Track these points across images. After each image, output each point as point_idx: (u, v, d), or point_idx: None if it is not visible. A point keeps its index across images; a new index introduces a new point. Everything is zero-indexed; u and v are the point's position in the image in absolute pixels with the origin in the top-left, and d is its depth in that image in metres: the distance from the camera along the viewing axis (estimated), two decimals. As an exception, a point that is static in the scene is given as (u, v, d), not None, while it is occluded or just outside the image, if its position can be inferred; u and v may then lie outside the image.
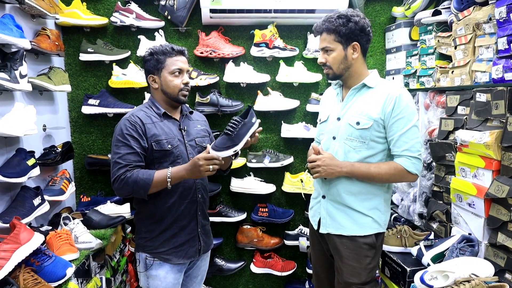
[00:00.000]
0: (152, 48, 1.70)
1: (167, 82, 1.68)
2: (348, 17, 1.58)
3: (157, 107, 1.71)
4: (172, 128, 1.70)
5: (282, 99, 2.62)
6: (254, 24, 2.59)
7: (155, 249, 1.68)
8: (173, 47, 1.69)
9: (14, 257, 1.46)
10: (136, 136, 1.60)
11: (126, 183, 1.55)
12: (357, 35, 1.60)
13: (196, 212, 1.73)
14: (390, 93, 1.59)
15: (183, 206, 1.68)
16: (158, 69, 1.69)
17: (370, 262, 1.64)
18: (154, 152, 1.63)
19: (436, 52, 2.12)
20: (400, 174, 1.59)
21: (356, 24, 1.58)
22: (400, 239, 2.00)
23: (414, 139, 1.58)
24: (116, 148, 1.59)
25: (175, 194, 1.66)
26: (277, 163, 2.60)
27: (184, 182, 1.66)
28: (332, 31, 1.60)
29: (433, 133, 2.08)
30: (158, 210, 1.67)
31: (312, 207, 1.82)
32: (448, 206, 1.94)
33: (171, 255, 1.68)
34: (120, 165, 1.56)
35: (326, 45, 1.63)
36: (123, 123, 1.63)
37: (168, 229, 1.68)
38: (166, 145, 1.64)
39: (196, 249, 1.74)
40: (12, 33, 1.74)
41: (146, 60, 1.71)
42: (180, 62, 1.70)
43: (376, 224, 1.66)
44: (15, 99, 1.95)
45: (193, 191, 1.70)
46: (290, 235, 2.71)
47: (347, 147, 1.64)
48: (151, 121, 1.66)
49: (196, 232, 1.73)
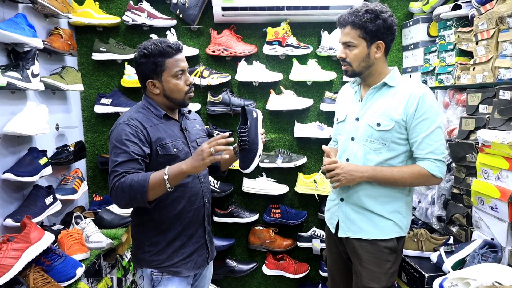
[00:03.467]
0: (145, 49, 1.49)
1: (170, 86, 1.51)
2: (377, 13, 1.49)
3: (156, 109, 1.55)
4: (174, 129, 1.57)
5: (295, 98, 2.57)
6: (267, 22, 2.55)
7: (163, 262, 1.52)
8: (170, 45, 1.50)
9: (24, 257, 1.46)
10: (136, 141, 1.43)
11: (121, 190, 1.35)
12: (383, 33, 1.51)
13: (203, 218, 1.61)
14: (413, 93, 1.51)
15: (191, 213, 1.55)
16: (157, 73, 1.50)
17: (391, 267, 1.58)
18: (159, 157, 1.48)
19: (456, 48, 2.03)
20: (424, 178, 1.52)
21: (384, 22, 1.50)
22: (416, 242, 1.93)
23: (438, 141, 1.51)
24: (114, 155, 1.42)
25: (182, 200, 1.53)
26: (290, 164, 2.55)
27: (191, 186, 1.55)
28: (358, 26, 1.51)
29: (453, 132, 2.00)
30: (164, 219, 1.52)
31: (329, 209, 1.76)
32: (468, 209, 1.86)
33: (181, 267, 1.54)
34: (117, 173, 1.38)
35: (349, 40, 1.54)
36: (121, 128, 1.45)
37: (176, 240, 1.53)
38: (172, 148, 1.50)
39: (204, 257, 1.63)
40: (24, 33, 1.75)
41: (141, 63, 1.51)
42: (181, 62, 1.53)
43: (397, 228, 1.59)
44: (28, 98, 1.96)
45: (201, 195, 1.58)
46: (303, 237, 2.66)
47: (367, 148, 1.57)
48: (152, 123, 1.50)
49: (203, 240, 1.62)
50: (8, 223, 1.65)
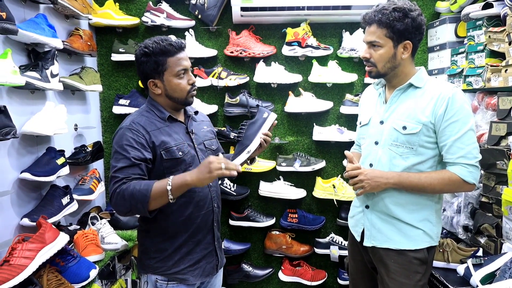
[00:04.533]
0: (146, 47, 1.44)
1: (172, 86, 1.46)
2: (406, 12, 1.41)
3: (160, 111, 1.50)
4: (180, 132, 1.51)
5: (314, 100, 2.50)
6: (286, 22, 2.50)
7: (168, 269, 1.47)
8: (171, 43, 1.44)
9: (38, 257, 1.45)
10: (138, 146, 1.39)
11: (122, 197, 1.31)
12: (411, 33, 1.43)
13: (212, 224, 1.55)
14: (441, 93, 1.42)
15: (199, 218, 1.50)
16: (159, 73, 1.45)
17: (421, 279, 1.49)
18: (163, 161, 1.42)
19: (487, 49, 1.93)
20: (455, 184, 1.43)
21: (413, 21, 1.42)
22: (442, 253, 1.83)
23: (470, 144, 1.41)
24: (115, 161, 1.39)
25: (190, 205, 1.48)
26: (308, 167, 2.49)
27: (199, 191, 1.48)
28: (384, 25, 1.43)
29: (482, 138, 1.90)
30: (171, 225, 1.47)
31: (353, 216, 1.68)
32: (498, 219, 1.75)
33: (187, 275, 1.48)
34: (117, 179, 1.35)
35: (374, 39, 1.46)
36: (122, 132, 1.42)
37: (183, 246, 1.48)
38: (177, 152, 1.45)
39: (213, 265, 1.57)
40: (44, 33, 1.76)
41: (141, 62, 1.46)
42: (183, 61, 1.47)
43: (427, 237, 1.50)
44: (47, 98, 1.97)
45: (209, 200, 1.53)
46: (321, 243, 2.59)
47: (393, 153, 1.49)
48: (155, 127, 1.45)
49: (212, 246, 1.56)
50: (24, 223, 1.66)
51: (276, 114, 2.57)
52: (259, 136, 1.50)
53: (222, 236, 2.68)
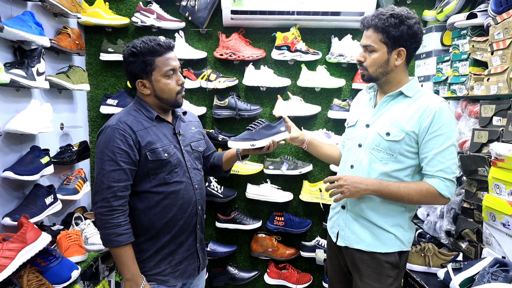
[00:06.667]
0: (134, 47, 1.42)
1: (161, 86, 1.45)
2: (402, 19, 1.42)
3: (148, 110, 1.48)
4: (166, 133, 1.49)
5: (302, 104, 2.52)
6: (276, 27, 2.52)
7: (149, 270, 1.46)
8: (159, 43, 1.43)
9: (18, 257, 1.43)
10: (125, 148, 1.38)
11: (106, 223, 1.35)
12: (406, 40, 1.44)
13: (195, 226, 1.54)
14: (429, 106, 1.44)
15: (182, 220, 1.49)
16: (147, 73, 1.44)
17: (392, 282, 1.51)
18: (148, 162, 1.41)
19: (470, 58, 1.97)
20: (432, 197, 1.45)
21: (409, 29, 1.43)
22: (423, 257, 1.86)
23: (451, 159, 1.43)
24: (101, 162, 1.38)
25: (173, 208, 1.46)
26: (295, 171, 2.50)
27: (183, 194, 1.48)
28: (380, 30, 1.44)
29: (464, 145, 1.93)
30: (153, 227, 1.46)
31: (331, 217, 1.71)
32: (479, 224, 1.78)
33: (168, 276, 1.47)
34: (104, 186, 1.36)
35: (369, 43, 1.47)
36: (110, 133, 1.39)
37: (165, 247, 1.48)
38: (162, 153, 1.43)
39: (195, 266, 1.56)
40: (31, 30, 1.74)
41: (129, 62, 1.44)
42: (172, 60, 1.45)
43: (399, 242, 1.53)
44: (33, 97, 1.95)
45: (194, 203, 1.51)
46: (307, 247, 2.60)
47: (373, 157, 1.51)
48: (142, 126, 1.44)
49: (194, 248, 1.55)
50: (6, 222, 1.63)
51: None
52: (269, 140, 1.52)
53: (208, 238, 2.67)
